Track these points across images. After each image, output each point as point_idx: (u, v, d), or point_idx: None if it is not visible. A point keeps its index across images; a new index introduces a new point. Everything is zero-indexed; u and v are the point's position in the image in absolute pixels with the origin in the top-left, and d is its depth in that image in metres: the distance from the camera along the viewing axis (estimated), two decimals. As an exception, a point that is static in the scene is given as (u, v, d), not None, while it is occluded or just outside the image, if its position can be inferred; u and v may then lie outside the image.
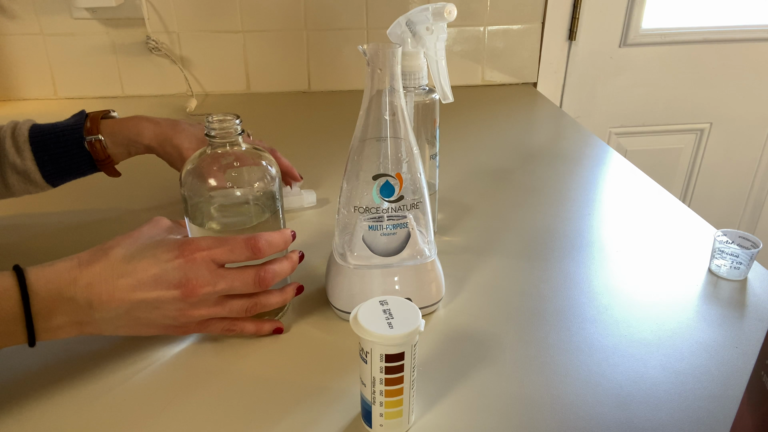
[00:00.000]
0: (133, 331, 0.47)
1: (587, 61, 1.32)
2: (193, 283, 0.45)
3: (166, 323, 0.47)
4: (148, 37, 1.17)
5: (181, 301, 0.46)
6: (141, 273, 0.45)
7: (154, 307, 0.46)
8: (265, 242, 0.48)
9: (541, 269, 0.63)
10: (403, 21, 0.59)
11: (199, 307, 0.47)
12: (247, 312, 0.49)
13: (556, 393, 0.47)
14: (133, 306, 0.45)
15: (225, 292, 0.47)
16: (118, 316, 0.45)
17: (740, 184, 1.51)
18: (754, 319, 0.55)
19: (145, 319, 0.46)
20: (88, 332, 0.46)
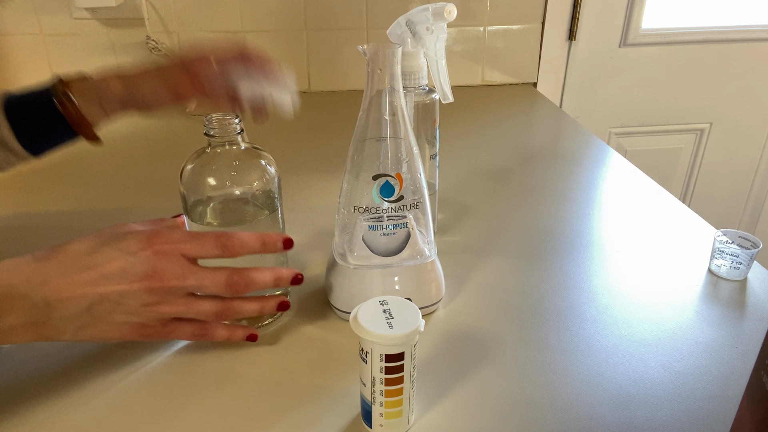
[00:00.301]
0: (95, 334, 0.44)
1: (587, 61, 1.32)
2: (161, 275, 0.43)
3: (130, 322, 0.44)
4: (148, 37, 1.17)
5: (146, 294, 0.43)
6: (105, 265, 0.42)
7: (117, 303, 0.42)
8: (237, 241, 0.45)
9: (541, 269, 0.63)
10: (403, 21, 0.59)
11: (166, 303, 0.44)
12: (217, 316, 0.47)
13: (556, 393, 0.47)
14: (94, 302, 0.42)
15: (194, 290, 0.45)
16: (78, 315, 0.42)
17: (740, 184, 1.51)
18: (754, 319, 0.55)
19: (108, 318, 0.43)
20: (44, 336, 0.42)
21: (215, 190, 0.50)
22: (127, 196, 0.80)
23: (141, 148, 0.98)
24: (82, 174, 0.87)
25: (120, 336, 0.45)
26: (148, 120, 0.67)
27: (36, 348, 0.52)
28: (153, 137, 1.02)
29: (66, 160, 0.91)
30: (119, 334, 0.45)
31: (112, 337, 0.45)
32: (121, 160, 0.93)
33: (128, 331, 0.45)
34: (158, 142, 1.00)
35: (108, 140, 1.00)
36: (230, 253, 0.45)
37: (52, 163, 0.90)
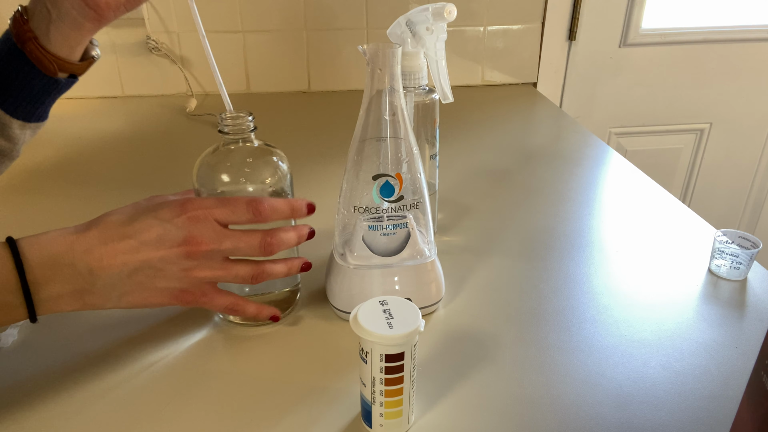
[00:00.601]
0: (138, 300, 0.45)
1: (587, 61, 1.32)
2: (198, 240, 0.44)
3: (170, 287, 0.45)
4: (148, 37, 1.17)
5: (185, 259, 0.44)
6: (143, 233, 0.43)
7: (157, 269, 0.44)
8: (268, 206, 0.46)
9: (540, 269, 0.63)
10: (403, 21, 0.59)
11: (204, 267, 0.45)
12: (253, 279, 0.48)
13: (556, 393, 0.47)
14: (136, 269, 0.43)
15: (230, 253, 0.46)
16: (121, 281, 0.43)
17: (740, 184, 1.51)
18: (754, 319, 0.55)
19: (149, 284, 0.45)
20: (90, 304, 0.44)
21: (229, 187, 0.50)
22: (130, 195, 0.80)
23: (142, 148, 0.98)
24: (82, 174, 0.87)
25: (160, 302, 0.46)
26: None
27: (36, 348, 0.52)
28: (154, 136, 1.02)
29: (66, 161, 0.91)
30: (160, 300, 0.46)
31: (153, 303, 0.46)
32: (122, 159, 0.93)
33: (168, 297, 0.46)
34: (159, 141, 1.00)
35: (109, 140, 1.01)
36: (261, 217, 0.46)
37: (52, 162, 0.90)
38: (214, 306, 0.49)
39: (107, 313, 0.56)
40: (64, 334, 0.53)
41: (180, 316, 0.55)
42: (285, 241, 0.48)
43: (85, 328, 0.54)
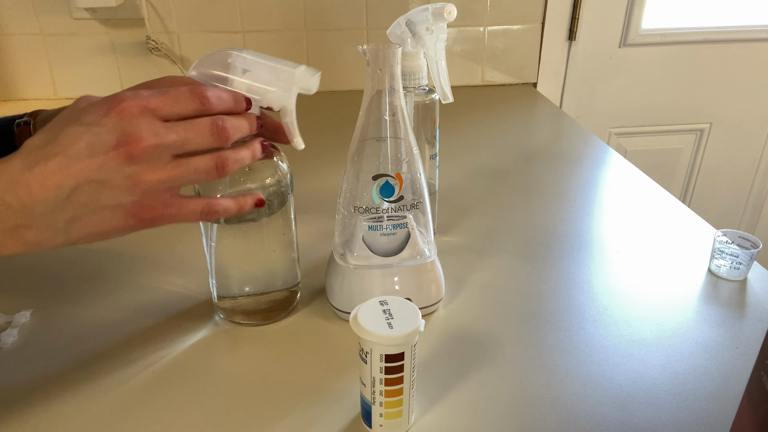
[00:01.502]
0: (89, 227, 0.39)
1: (587, 62, 1.32)
2: (135, 137, 0.37)
3: (122, 203, 0.38)
4: (148, 38, 1.17)
5: (127, 164, 0.37)
6: (70, 146, 0.37)
7: (99, 183, 0.37)
8: (213, 94, 0.41)
9: (540, 269, 0.63)
10: (403, 21, 0.59)
11: (154, 168, 0.38)
12: (217, 169, 0.41)
13: (556, 393, 0.47)
14: (73, 188, 0.37)
15: (179, 148, 0.39)
16: (60, 208, 0.37)
17: (740, 184, 1.51)
18: (754, 319, 0.55)
19: (94, 204, 0.38)
20: (33, 242, 0.38)
21: (229, 186, 0.50)
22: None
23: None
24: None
25: (117, 226, 0.39)
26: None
27: (36, 348, 0.52)
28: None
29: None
30: (115, 223, 0.39)
31: (108, 229, 0.39)
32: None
33: (123, 217, 0.39)
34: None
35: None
36: (207, 105, 0.40)
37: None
38: (185, 215, 0.41)
39: (107, 312, 0.56)
40: (64, 334, 0.53)
41: (180, 316, 0.55)
42: (237, 125, 0.41)
43: (86, 328, 0.54)
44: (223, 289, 0.54)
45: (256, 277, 0.54)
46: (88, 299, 0.58)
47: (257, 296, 0.55)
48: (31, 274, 0.62)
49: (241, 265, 0.54)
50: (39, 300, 0.58)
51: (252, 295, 0.55)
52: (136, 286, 0.60)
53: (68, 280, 0.61)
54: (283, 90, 0.45)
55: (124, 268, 0.63)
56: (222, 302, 0.55)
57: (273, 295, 0.55)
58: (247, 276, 0.54)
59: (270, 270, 0.54)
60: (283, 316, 0.55)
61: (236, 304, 0.55)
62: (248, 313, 0.55)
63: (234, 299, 0.55)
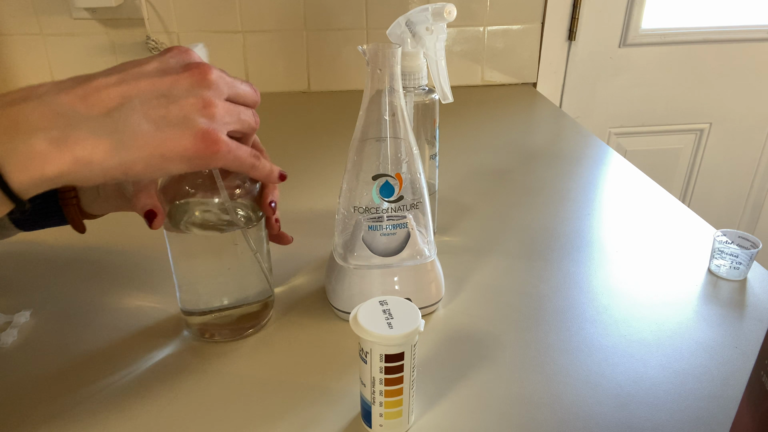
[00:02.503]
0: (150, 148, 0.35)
1: (587, 62, 1.32)
2: (205, 67, 0.38)
3: (193, 122, 0.36)
4: (148, 37, 1.17)
5: (200, 87, 0.37)
6: (136, 67, 0.36)
7: (168, 99, 0.35)
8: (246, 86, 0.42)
9: (540, 269, 0.63)
10: (402, 21, 0.59)
11: (220, 96, 0.38)
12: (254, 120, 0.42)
13: (556, 393, 0.47)
14: (140, 99, 0.35)
15: (236, 95, 0.40)
16: (123, 116, 0.34)
17: (740, 184, 1.51)
18: (754, 319, 0.55)
19: (161, 119, 0.35)
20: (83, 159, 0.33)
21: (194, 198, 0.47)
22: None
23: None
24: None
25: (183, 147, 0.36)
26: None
27: (36, 348, 0.52)
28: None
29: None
30: (182, 144, 0.36)
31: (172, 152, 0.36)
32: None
33: (192, 139, 0.36)
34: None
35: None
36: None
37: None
38: (240, 156, 0.40)
39: (108, 312, 0.56)
40: (64, 334, 0.53)
41: (180, 315, 0.55)
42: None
43: (86, 328, 0.54)
44: (189, 303, 0.52)
45: (225, 291, 0.51)
46: (88, 299, 0.58)
47: (231, 311, 0.52)
48: (31, 274, 0.62)
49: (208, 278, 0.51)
50: (39, 300, 0.58)
51: (227, 308, 0.52)
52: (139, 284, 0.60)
53: (68, 280, 0.61)
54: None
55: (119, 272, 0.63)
56: (192, 318, 0.52)
57: (244, 309, 0.52)
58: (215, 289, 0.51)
59: (240, 283, 0.51)
60: (253, 332, 0.53)
61: (204, 320, 0.52)
62: (218, 328, 0.52)
63: (202, 315, 0.52)
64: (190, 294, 0.52)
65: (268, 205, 0.49)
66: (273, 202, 0.50)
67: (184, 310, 0.53)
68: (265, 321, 0.55)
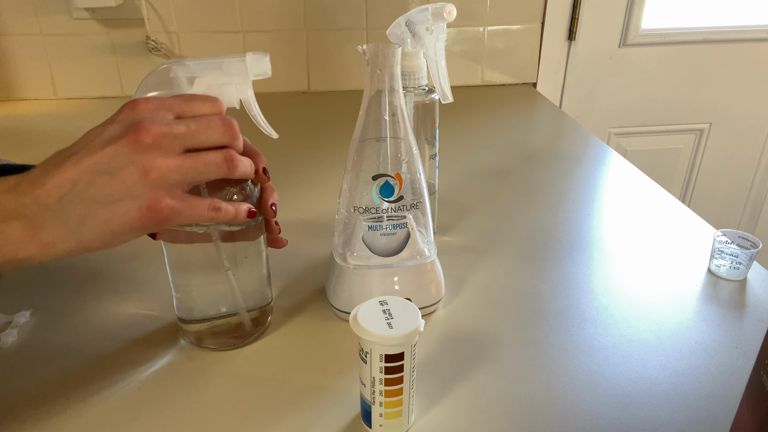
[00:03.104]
0: (100, 227, 0.37)
1: (587, 62, 1.32)
2: (145, 125, 0.37)
3: (135, 195, 0.37)
4: (147, 38, 1.17)
5: (137, 152, 0.37)
6: (87, 144, 0.38)
7: (110, 176, 0.37)
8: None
9: (540, 269, 0.63)
10: (402, 21, 0.59)
11: (164, 157, 0.38)
12: (227, 162, 0.40)
13: (556, 393, 0.47)
14: (86, 183, 0.37)
15: (189, 139, 0.39)
16: (73, 204, 0.37)
17: (740, 184, 1.51)
18: (754, 319, 0.55)
19: (107, 198, 0.37)
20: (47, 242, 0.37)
21: None
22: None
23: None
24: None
25: (130, 221, 0.38)
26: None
27: (36, 348, 0.52)
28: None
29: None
30: (129, 219, 0.38)
31: (121, 228, 0.38)
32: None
33: (137, 212, 0.38)
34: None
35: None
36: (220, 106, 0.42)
37: None
38: (196, 214, 0.40)
39: (108, 312, 0.56)
40: (64, 334, 0.53)
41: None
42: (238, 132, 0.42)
43: (86, 328, 0.54)
44: (185, 311, 0.51)
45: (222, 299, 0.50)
46: (89, 299, 0.58)
47: (227, 319, 0.51)
48: (31, 275, 0.62)
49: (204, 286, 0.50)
50: (38, 300, 0.58)
51: (222, 316, 0.51)
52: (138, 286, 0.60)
53: (68, 280, 0.61)
54: (240, 82, 0.44)
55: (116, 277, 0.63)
56: (188, 326, 0.52)
57: (241, 317, 0.51)
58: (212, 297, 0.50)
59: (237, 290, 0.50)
60: (251, 341, 0.52)
61: (201, 328, 0.51)
62: (215, 336, 0.51)
63: (199, 323, 0.51)
64: (186, 302, 0.51)
65: (269, 208, 0.49)
66: (273, 205, 0.50)
67: (180, 317, 0.52)
68: (263, 329, 0.54)
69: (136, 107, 0.39)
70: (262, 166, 0.48)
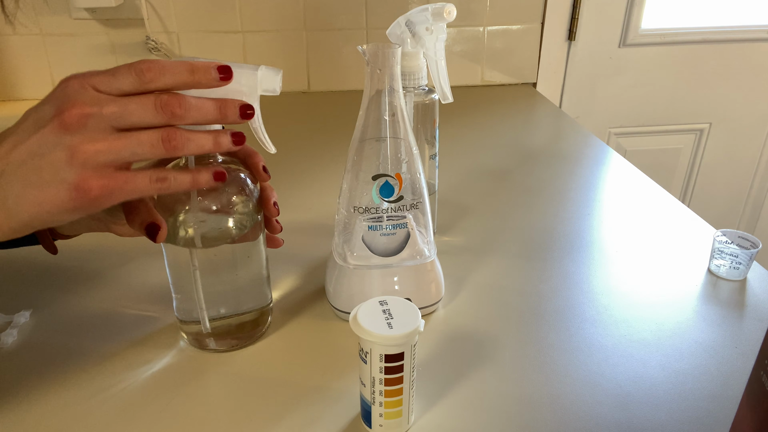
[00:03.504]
0: (33, 204, 0.37)
1: (587, 62, 1.32)
2: (71, 104, 0.36)
3: (64, 178, 0.37)
4: (147, 38, 1.17)
5: (64, 134, 0.36)
6: (20, 125, 0.38)
7: (40, 156, 0.36)
8: (156, 66, 0.38)
9: (540, 269, 0.63)
10: (402, 21, 0.59)
11: (92, 139, 0.37)
12: (165, 143, 0.38)
13: (556, 393, 0.47)
14: (18, 163, 0.37)
15: (118, 119, 0.37)
16: (7, 182, 0.37)
17: (740, 184, 1.51)
18: (754, 319, 0.55)
19: (36, 178, 0.37)
20: None
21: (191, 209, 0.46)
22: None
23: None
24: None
25: (61, 202, 0.37)
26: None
27: (36, 348, 0.52)
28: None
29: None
30: (59, 200, 0.37)
31: (53, 208, 0.38)
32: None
33: (67, 193, 0.37)
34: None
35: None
36: (145, 80, 0.38)
37: None
38: (136, 188, 0.39)
39: (108, 312, 0.56)
40: (64, 334, 0.53)
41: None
42: (193, 104, 0.39)
43: (86, 328, 0.54)
44: (185, 312, 0.51)
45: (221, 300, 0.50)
46: (89, 299, 0.58)
47: (224, 320, 0.51)
48: (31, 275, 0.62)
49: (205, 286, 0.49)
50: (38, 300, 0.58)
51: (219, 318, 0.50)
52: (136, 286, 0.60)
53: (68, 281, 0.61)
54: (248, 94, 0.42)
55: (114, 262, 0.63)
56: (187, 327, 0.51)
57: (241, 318, 0.51)
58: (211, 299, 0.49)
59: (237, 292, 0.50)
60: (250, 342, 0.52)
61: (200, 329, 0.50)
62: (214, 337, 0.51)
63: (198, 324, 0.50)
64: (185, 303, 0.50)
65: (271, 206, 0.49)
66: (276, 203, 0.49)
67: (179, 318, 0.52)
68: (263, 330, 0.53)
69: (66, 85, 0.38)
70: (261, 164, 0.48)
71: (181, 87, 0.39)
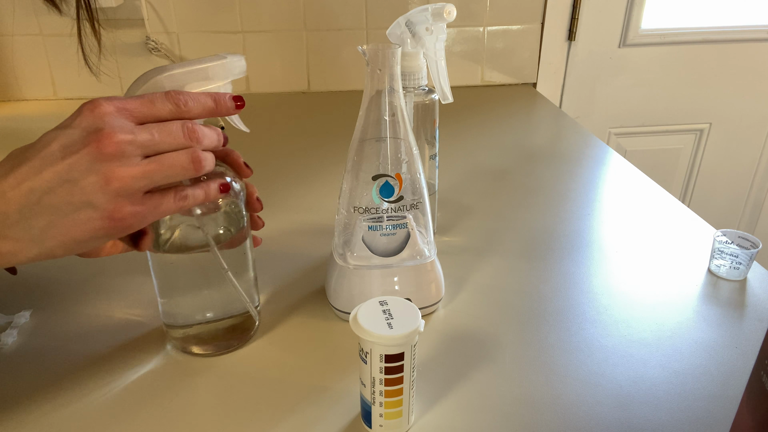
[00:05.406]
0: (63, 236, 0.37)
1: (587, 62, 1.32)
2: (106, 133, 0.36)
3: (96, 204, 0.37)
4: (147, 38, 1.17)
5: (99, 161, 0.36)
6: (44, 149, 0.36)
7: (71, 184, 0.36)
8: (190, 97, 0.40)
9: (540, 269, 0.63)
10: (402, 21, 0.59)
11: (126, 165, 0.37)
12: (194, 163, 0.40)
13: (556, 393, 0.47)
14: (45, 191, 0.36)
15: (150, 147, 0.38)
16: (33, 213, 0.36)
17: (740, 185, 1.51)
18: (754, 319, 0.55)
19: (68, 207, 0.36)
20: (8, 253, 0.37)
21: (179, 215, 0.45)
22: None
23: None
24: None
25: (92, 230, 0.37)
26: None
27: (36, 348, 0.52)
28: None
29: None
30: (90, 227, 0.37)
31: (83, 236, 0.38)
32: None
33: (99, 220, 0.37)
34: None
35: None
36: (182, 108, 0.40)
37: None
38: (164, 212, 0.40)
39: (108, 312, 0.56)
40: (64, 335, 0.53)
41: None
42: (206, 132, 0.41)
43: (87, 328, 0.54)
44: (170, 317, 0.50)
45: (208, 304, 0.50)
46: (89, 300, 0.58)
47: (214, 324, 0.50)
48: (31, 275, 0.62)
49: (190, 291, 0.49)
50: (38, 300, 0.58)
51: (210, 321, 0.50)
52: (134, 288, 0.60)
53: (69, 281, 0.61)
54: (222, 85, 0.45)
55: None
56: (174, 331, 0.51)
57: (230, 321, 0.51)
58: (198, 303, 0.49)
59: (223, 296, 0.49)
60: (238, 345, 0.52)
61: (187, 333, 0.50)
62: (201, 342, 0.50)
63: (185, 327, 0.50)
64: (171, 307, 0.50)
65: (255, 201, 0.50)
66: (258, 198, 0.50)
67: (166, 323, 0.51)
68: (251, 334, 0.53)
69: (96, 110, 0.37)
70: (241, 160, 0.48)
71: (207, 115, 0.42)
